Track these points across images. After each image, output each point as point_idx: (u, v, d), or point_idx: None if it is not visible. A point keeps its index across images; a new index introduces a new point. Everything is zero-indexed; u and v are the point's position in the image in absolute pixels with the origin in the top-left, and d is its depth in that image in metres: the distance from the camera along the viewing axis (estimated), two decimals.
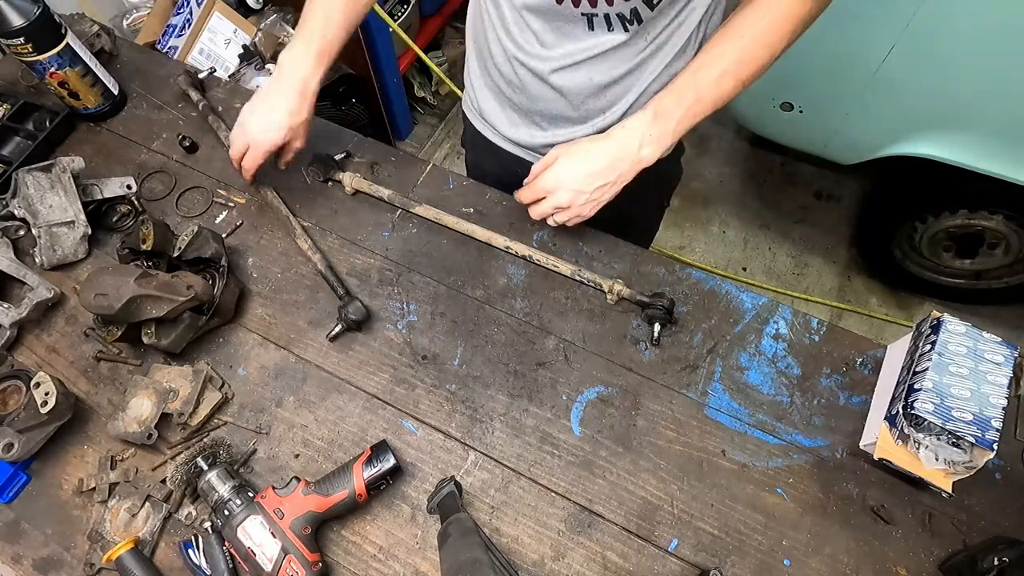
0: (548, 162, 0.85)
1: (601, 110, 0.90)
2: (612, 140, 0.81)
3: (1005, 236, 1.77)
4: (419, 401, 0.88)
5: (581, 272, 0.94)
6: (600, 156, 0.82)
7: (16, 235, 1.01)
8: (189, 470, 0.79)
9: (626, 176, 0.82)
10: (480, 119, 1.06)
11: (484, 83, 1.00)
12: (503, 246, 0.97)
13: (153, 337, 0.85)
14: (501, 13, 0.86)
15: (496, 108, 1.00)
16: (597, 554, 0.78)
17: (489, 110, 1.02)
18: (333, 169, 1.05)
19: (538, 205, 0.87)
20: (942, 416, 0.70)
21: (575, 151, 0.83)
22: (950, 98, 1.47)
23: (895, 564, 0.76)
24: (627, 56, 0.83)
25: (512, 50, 0.87)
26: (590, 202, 0.84)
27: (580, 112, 0.91)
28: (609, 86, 0.86)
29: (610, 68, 0.84)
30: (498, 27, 0.88)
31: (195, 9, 1.71)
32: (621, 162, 0.81)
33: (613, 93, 0.88)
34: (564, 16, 0.80)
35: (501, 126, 1.02)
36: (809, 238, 2.29)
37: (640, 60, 0.83)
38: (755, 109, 1.84)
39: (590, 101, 0.89)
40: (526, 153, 1.03)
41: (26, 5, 0.97)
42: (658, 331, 0.89)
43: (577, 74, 0.85)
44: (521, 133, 1.00)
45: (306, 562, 0.73)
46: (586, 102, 0.89)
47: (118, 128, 1.16)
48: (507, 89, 0.95)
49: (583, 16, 0.79)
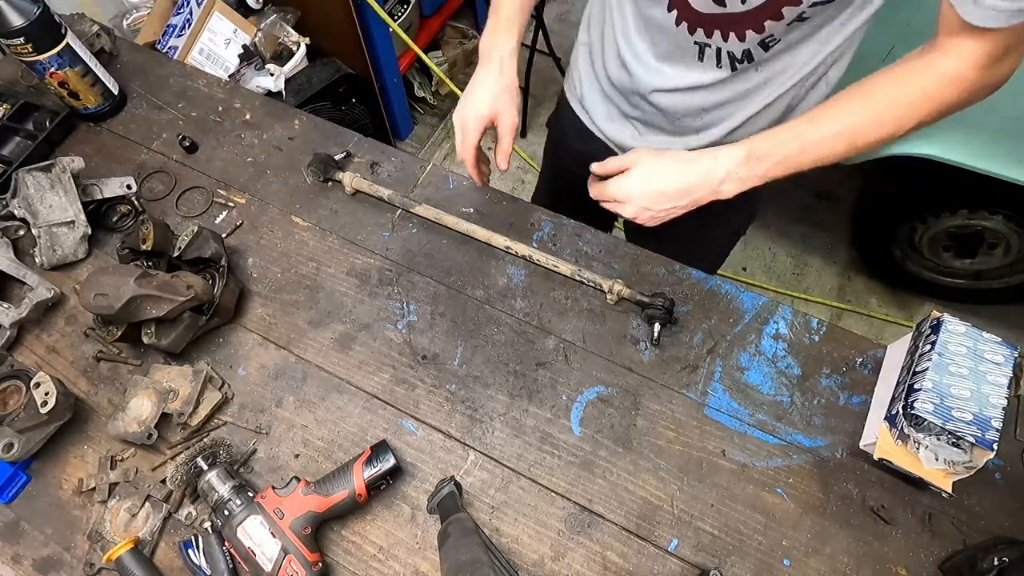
0: (626, 164, 0.81)
1: (696, 129, 0.89)
2: (696, 165, 0.77)
3: (1005, 236, 1.77)
4: (419, 401, 0.88)
5: (581, 272, 0.94)
6: (679, 178, 0.78)
7: (16, 235, 1.01)
8: (189, 470, 0.79)
9: (700, 202, 0.79)
10: (580, 105, 1.05)
11: (589, 74, 0.99)
12: (503, 246, 0.97)
13: (153, 337, 0.85)
14: (624, 18, 0.85)
15: (597, 100, 1.00)
16: (597, 554, 0.78)
17: (590, 99, 1.01)
18: (333, 169, 1.05)
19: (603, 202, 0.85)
20: (942, 416, 0.70)
21: (655, 167, 0.79)
22: None
23: (895, 564, 0.76)
24: (733, 87, 0.81)
25: (627, 55, 0.86)
26: (655, 218, 0.82)
27: (675, 127, 0.90)
28: (710, 110, 0.85)
29: (712, 95, 0.83)
30: (618, 28, 0.86)
31: (195, 9, 1.71)
32: (699, 190, 0.78)
33: (713, 116, 0.86)
34: (679, 40, 0.78)
35: (598, 118, 1.01)
36: (809, 238, 2.29)
37: (746, 91, 0.81)
38: None
39: (687, 120, 0.88)
40: (616, 149, 1.02)
41: (26, 5, 0.97)
42: (658, 331, 0.89)
43: (679, 97, 0.85)
44: (616, 130, 0.99)
45: (306, 562, 0.73)
46: (683, 120, 0.88)
47: (118, 128, 1.16)
48: (609, 89, 0.95)
49: (696, 45, 0.78)
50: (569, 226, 1.01)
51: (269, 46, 1.80)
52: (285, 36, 1.81)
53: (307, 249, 1.01)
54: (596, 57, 0.96)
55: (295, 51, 1.82)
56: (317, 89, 1.83)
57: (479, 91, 0.87)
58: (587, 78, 1.00)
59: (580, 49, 1.01)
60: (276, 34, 1.80)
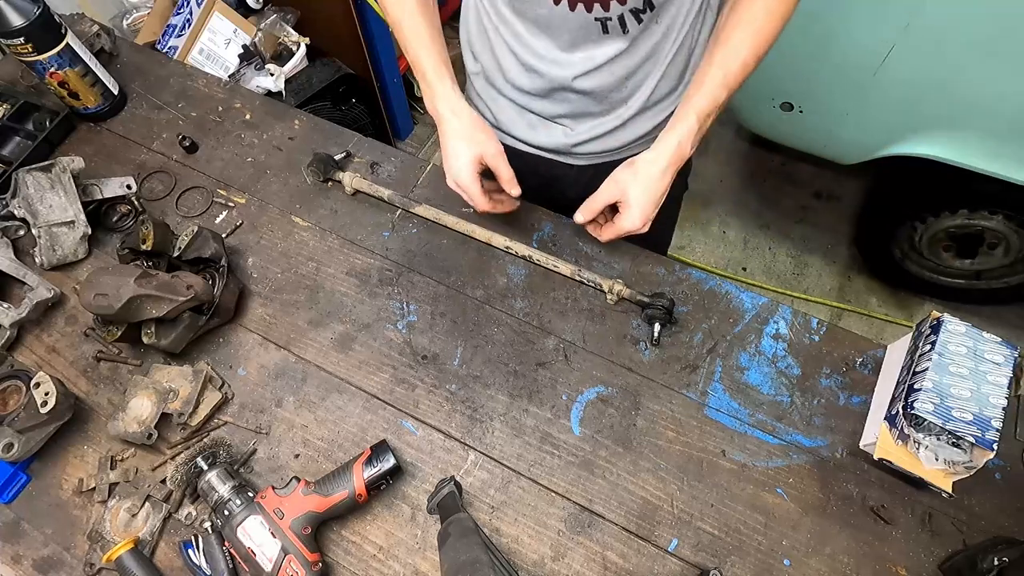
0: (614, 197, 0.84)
1: (624, 99, 0.91)
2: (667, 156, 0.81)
3: (1005, 236, 1.77)
4: (419, 401, 0.88)
5: (581, 272, 0.94)
6: (662, 177, 0.82)
7: (16, 235, 1.01)
8: (189, 470, 0.79)
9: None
10: (497, 129, 1.05)
11: (497, 94, 0.99)
12: (503, 246, 0.97)
13: (153, 337, 0.85)
14: (512, 29, 0.86)
15: (513, 116, 1.00)
16: (597, 554, 0.78)
17: (506, 119, 1.02)
18: (333, 169, 1.05)
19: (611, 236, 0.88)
20: (942, 416, 0.70)
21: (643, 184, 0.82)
22: (950, 98, 1.46)
23: (895, 564, 0.76)
24: (644, 45, 0.84)
25: (530, 61, 0.88)
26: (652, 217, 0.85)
27: (604, 105, 0.92)
28: (630, 76, 0.87)
29: (628, 60, 0.85)
30: (510, 41, 0.88)
31: (195, 9, 1.71)
32: (674, 169, 0.83)
33: (634, 81, 0.88)
34: (579, 24, 0.80)
35: (521, 132, 1.01)
36: (809, 238, 2.29)
37: (655, 44, 0.84)
38: (755, 109, 1.84)
39: (614, 94, 0.90)
40: (550, 154, 1.02)
41: (26, 5, 0.97)
42: (658, 331, 0.89)
43: (600, 75, 0.86)
44: (542, 137, 0.99)
45: (306, 562, 0.73)
46: (610, 95, 0.90)
47: (118, 128, 1.16)
48: (524, 99, 0.95)
49: (597, 21, 0.79)
50: (569, 226, 1.01)
51: (269, 46, 1.80)
52: (285, 36, 1.81)
53: (307, 249, 1.01)
54: (495, 78, 0.96)
55: (295, 51, 1.82)
56: (317, 89, 1.83)
57: (451, 148, 0.87)
58: (492, 101, 1.01)
59: (473, 79, 1.02)
60: (276, 34, 1.80)
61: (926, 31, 1.37)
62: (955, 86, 1.43)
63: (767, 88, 1.73)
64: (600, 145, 0.97)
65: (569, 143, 0.98)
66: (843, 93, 1.62)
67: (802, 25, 1.54)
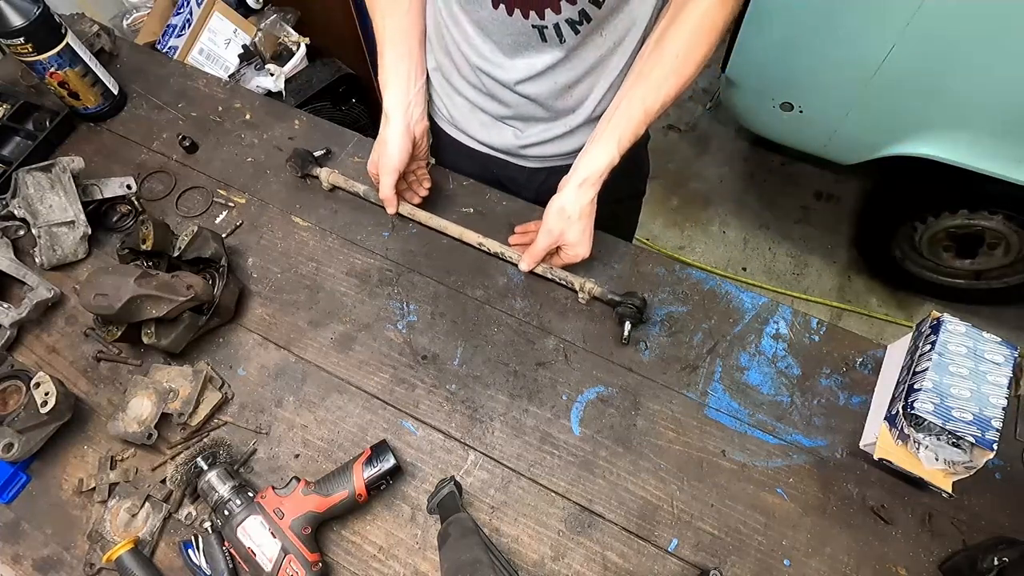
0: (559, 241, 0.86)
1: (571, 109, 0.92)
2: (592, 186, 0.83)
3: (1005, 236, 1.78)
4: (419, 401, 0.88)
5: (552, 271, 0.93)
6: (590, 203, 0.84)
7: (16, 235, 1.01)
8: (189, 470, 0.79)
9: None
10: (452, 126, 1.06)
11: (453, 91, 0.99)
12: (475, 242, 0.97)
13: (153, 337, 0.85)
14: (462, 29, 0.87)
15: (467, 114, 1.01)
16: (597, 554, 0.78)
17: (460, 117, 1.02)
18: (311, 165, 1.05)
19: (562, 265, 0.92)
20: (942, 416, 0.70)
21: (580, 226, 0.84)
22: (950, 98, 1.47)
23: (895, 564, 0.76)
24: (586, 56, 0.84)
25: (477, 61, 0.89)
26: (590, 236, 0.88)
27: (551, 112, 0.92)
28: (573, 86, 0.88)
29: (570, 70, 0.85)
30: (460, 41, 0.89)
31: (195, 9, 1.71)
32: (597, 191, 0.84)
33: (579, 92, 0.89)
34: (517, 29, 0.81)
35: (474, 131, 1.02)
36: (809, 238, 2.29)
37: (600, 58, 0.84)
38: (755, 109, 1.84)
39: (559, 103, 0.90)
40: (501, 155, 1.04)
41: (26, 5, 0.97)
42: (628, 330, 0.89)
43: (542, 82, 0.87)
44: (493, 137, 1.00)
45: (306, 562, 0.73)
46: (555, 104, 0.91)
47: (118, 128, 1.16)
48: (477, 97, 0.96)
49: (534, 28, 0.80)
50: None
51: (269, 46, 1.80)
52: (285, 36, 1.81)
53: (307, 249, 1.01)
54: (450, 74, 0.97)
55: (295, 51, 1.82)
56: (317, 89, 1.83)
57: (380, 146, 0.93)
58: (451, 92, 1.01)
59: (432, 75, 1.02)
60: (276, 34, 1.80)
61: (926, 31, 1.37)
62: (955, 86, 1.43)
63: (767, 88, 1.73)
64: (549, 149, 0.98)
65: (519, 144, 0.98)
66: (843, 93, 1.62)
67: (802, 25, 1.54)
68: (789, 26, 1.57)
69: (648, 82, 0.79)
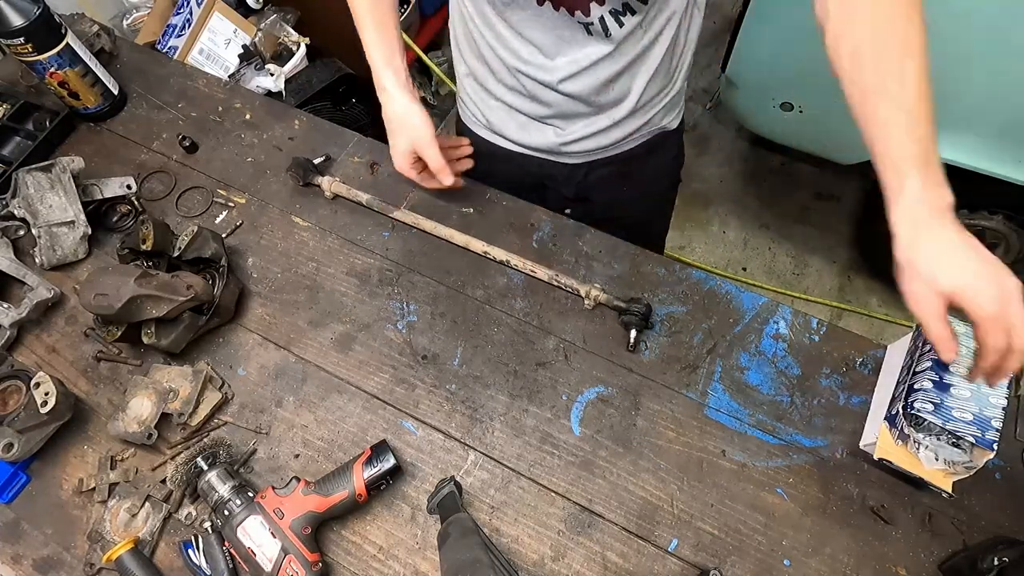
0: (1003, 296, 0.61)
1: (614, 101, 0.92)
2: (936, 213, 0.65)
3: (1005, 236, 1.77)
4: (419, 401, 0.88)
5: (558, 277, 0.93)
6: (962, 231, 0.64)
7: (16, 235, 1.01)
8: (189, 470, 0.79)
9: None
10: (488, 130, 1.06)
11: (488, 95, 0.99)
12: (481, 251, 0.96)
13: (153, 337, 0.85)
14: (496, 32, 0.86)
15: (504, 117, 1.00)
16: (597, 554, 0.78)
17: (496, 120, 1.02)
18: (312, 173, 1.05)
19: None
20: (942, 416, 0.70)
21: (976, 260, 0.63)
22: (951, 98, 1.46)
23: (895, 564, 0.76)
24: (629, 50, 0.84)
25: (515, 64, 0.88)
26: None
27: (593, 107, 0.92)
28: (615, 80, 0.88)
29: (613, 64, 0.85)
30: (496, 45, 0.88)
31: (195, 9, 1.71)
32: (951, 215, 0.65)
33: (621, 85, 0.89)
34: (562, 24, 0.80)
35: (511, 133, 1.02)
36: (809, 238, 2.29)
37: (642, 50, 0.84)
38: (755, 109, 1.84)
39: (601, 97, 0.90)
40: (542, 154, 1.03)
41: (26, 5, 0.97)
42: (634, 337, 0.89)
43: (585, 78, 0.86)
44: (534, 137, 1.00)
45: (306, 562, 0.73)
46: (597, 99, 0.90)
47: (118, 128, 1.16)
48: (515, 99, 0.95)
49: (580, 24, 0.80)
50: (569, 226, 1.01)
51: (269, 46, 1.80)
52: (285, 36, 1.81)
53: (307, 249, 1.01)
54: (485, 79, 0.97)
55: (295, 51, 1.82)
56: (317, 89, 1.83)
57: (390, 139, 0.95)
58: (482, 101, 1.01)
59: (464, 80, 1.02)
60: (276, 34, 1.80)
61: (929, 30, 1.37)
62: (955, 86, 1.43)
63: (767, 88, 1.73)
64: (592, 143, 0.98)
65: (560, 142, 0.98)
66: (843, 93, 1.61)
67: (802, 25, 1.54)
68: (789, 26, 1.57)
69: (905, 93, 0.67)
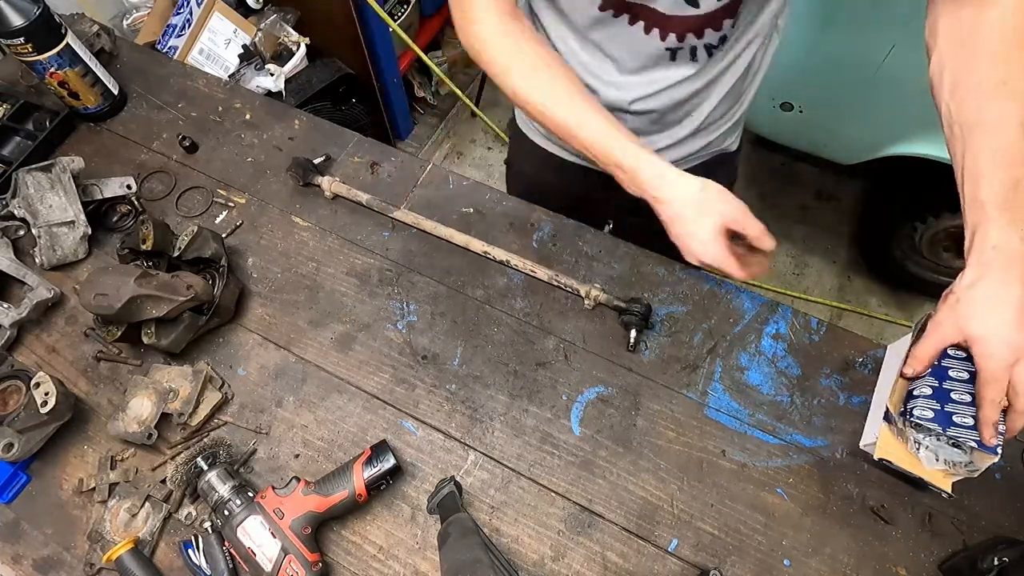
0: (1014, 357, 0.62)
1: (678, 120, 0.91)
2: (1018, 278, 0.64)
3: None
4: (419, 401, 0.88)
5: (558, 277, 0.93)
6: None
7: (16, 235, 1.01)
8: (189, 470, 0.79)
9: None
10: (545, 139, 1.04)
11: None
12: (481, 251, 0.96)
13: (153, 337, 0.85)
14: (568, 46, 0.85)
15: None
16: (597, 554, 0.78)
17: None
18: (312, 173, 1.05)
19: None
20: (942, 423, 0.70)
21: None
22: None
23: (895, 564, 0.76)
24: (704, 75, 0.83)
25: (589, 81, 0.86)
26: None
27: (659, 125, 0.92)
28: (687, 100, 0.87)
29: (689, 86, 0.84)
30: (565, 55, 0.86)
31: (195, 9, 1.71)
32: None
33: (691, 105, 0.89)
34: (648, 47, 0.79)
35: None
36: (809, 238, 2.29)
37: (720, 71, 0.84)
38: (755, 109, 1.83)
39: (668, 116, 0.90)
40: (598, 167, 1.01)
41: (26, 5, 0.97)
42: (634, 337, 0.89)
43: (658, 98, 0.86)
44: None
45: (306, 562, 0.73)
46: (664, 118, 0.90)
47: (118, 128, 1.16)
48: None
49: (667, 50, 0.79)
50: (569, 226, 1.01)
51: (269, 46, 1.80)
52: (285, 36, 1.81)
53: (307, 249, 1.01)
54: None
55: (295, 51, 1.82)
56: (317, 89, 1.83)
57: (688, 229, 0.74)
58: None
59: None
60: (276, 34, 1.80)
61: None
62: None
63: (767, 88, 1.73)
64: None
65: None
66: (843, 93, 1.62)
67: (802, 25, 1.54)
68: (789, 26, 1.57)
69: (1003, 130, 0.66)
